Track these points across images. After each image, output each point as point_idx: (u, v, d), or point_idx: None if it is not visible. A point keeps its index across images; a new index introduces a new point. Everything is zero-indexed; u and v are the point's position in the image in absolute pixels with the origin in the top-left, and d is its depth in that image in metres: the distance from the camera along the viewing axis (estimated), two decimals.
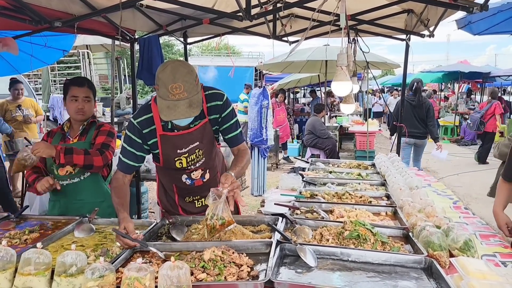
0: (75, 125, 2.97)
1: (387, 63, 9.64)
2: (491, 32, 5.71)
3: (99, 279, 1.63)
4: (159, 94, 2.15)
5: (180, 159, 2.47)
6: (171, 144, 2.42)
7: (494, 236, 2.52)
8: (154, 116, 2.37)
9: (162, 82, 2.12)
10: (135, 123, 2.39)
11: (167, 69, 2.14)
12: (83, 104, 2.87)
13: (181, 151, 2.44)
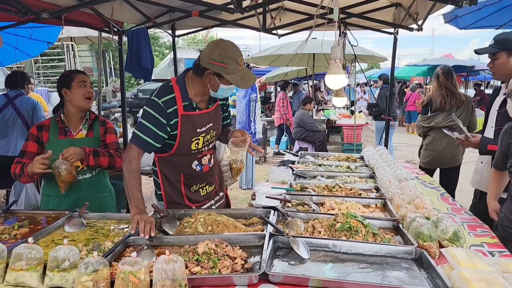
0: (74, 118, 2.90)
1: (374, 56, 9.69)
2: (477, 27, 5.79)
3: (93, 274, 1.62)
4: (227, 71, 2.32)
5: (198, 139, 2.57)
6: (191, 123, 2.52)
7: (481, 226, 2.57)
8: (176, 97, 2.46)
9: (231, 58, 2.31)
10: (159, 102, 2.43)
11: (227, 46, 2.37)
12: (91, 90, 2.87)
13: (200, 130, 2.56)
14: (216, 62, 2.32)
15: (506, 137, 2.60)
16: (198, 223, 2.28)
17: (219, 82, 2.40)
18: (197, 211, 2.48)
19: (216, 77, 2.38)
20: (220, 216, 2.36)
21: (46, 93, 9.87)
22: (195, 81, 2.50)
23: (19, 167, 2.76)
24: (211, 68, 2.36)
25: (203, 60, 2.38)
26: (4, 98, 4.91)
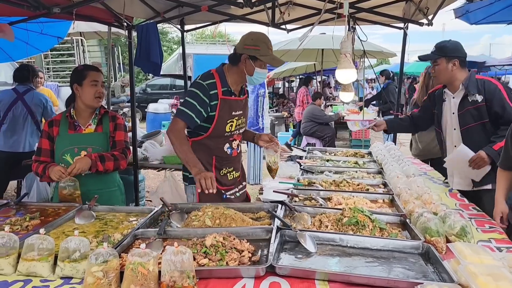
0: (84, 113, 2.94)
1: (383, 52, 9.64)
2: (488, 22, 5.72)
3: (103, 264, 1.64)
4: (260, 53, 2.72)
5: (232, 121, 2.87)
6: (228, 106, 2.83)
7: (489, 222, 2.56)
8: (217, 82, 2.79)
9: (262, 42, 2.74)
10: (204, 84, 2.75)
11: (258, 33, 2.81)
12: (102, 89, 2.92)
13: (235, 113, 2.88)
14: (250, 46, 2.73)
15: None
16: (206, 216, 2.30)
17: (254, 65, 2.75)
18: (205, 205, 2.50)
19: (251, 60, 2.74)
20: (228, 210, 2.38)
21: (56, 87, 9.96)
22: (232, 71, 2.85)
23: (41, 168, 2.82)
24: (246, 52, 2.74)
25: (239, 48, 2.78)
26: (13, 93, 4.89)
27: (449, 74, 3.14)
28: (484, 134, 3.09)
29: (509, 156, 2.65)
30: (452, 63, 3.11)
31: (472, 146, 3.07)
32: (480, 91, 3.06)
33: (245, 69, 2.78)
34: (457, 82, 3.16)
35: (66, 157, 2.86)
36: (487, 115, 3.05)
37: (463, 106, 3.13)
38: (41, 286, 1.69)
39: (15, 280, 1.73)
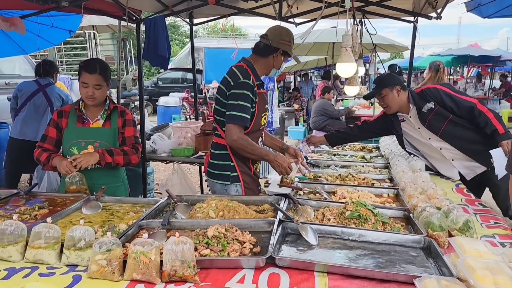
0: (92, 107, 2.95)
1: (395, 45, 9.54)
2: (501, 15, 5.61)
3: (107, 253, 1.69)
4: (291, 49, 2.89)
5: (265, 114, 2.98)
6: (262, 100, 2.92)
7: (494, 218, 2.55)
8: (253, 78, 2.82)
9: (293, 39, 2.91)
10: (250, 82, 2.77)
11: (289, 30, 2.91)
12: (93, 91, 2.84)
13: (266, 106, 2.99)
14: (286, 41, 2.85)
15: None
16: (210, 208, 2.33)
17: (283, 60, 2.92)
18: (210, 197, 2.54)
19: (282, 55, 2.88)
20: (232, 202, 2.40)
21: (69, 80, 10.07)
22: (259, 63, 2.91)
23: (45, 156, 2.84)
24: (282, 47, 2.84)
25: (275, 41, 2.84)
26: (35, 85, 5.01)
27: (397, 99, 3.45)
28: (459, 126, 3.36)
29: None
30: (395, 89, 3.43)
31: (457, 139, 3.38)
32: (427, 99, 3.38)
33: (275, 62, 2.89)
34: (406, 104, 3.47)
35: (73, 150, 2.88)
36: (448, 112, 3.34)
37: (424, 118, 3.41)
38: (48, 273, 1.74)
39: (23, 267, 1.78)
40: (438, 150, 3.48)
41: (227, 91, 2.79)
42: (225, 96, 2.80)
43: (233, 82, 2.77)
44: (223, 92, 2.84)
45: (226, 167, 2.90)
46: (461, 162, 3.45)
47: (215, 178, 2.96)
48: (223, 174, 2.92)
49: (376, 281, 1.66)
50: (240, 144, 2.73)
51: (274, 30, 2.91)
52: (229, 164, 2.89)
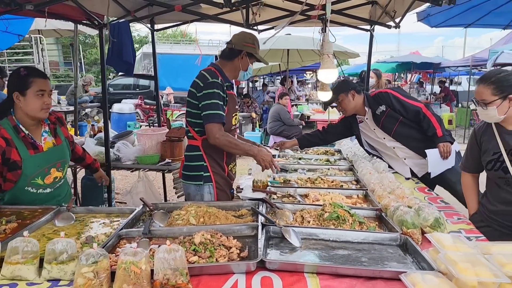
0: (31, 125, 2.57)
1: (347, 52, 9.89)
2: (447, 25, 6.03)
3: (93, 265, 1.63)
4: (255, 51, 2.99)
5: (236, 115, 3.06)
6: (232, 100, 2.99)
7: (457, 214, 2.72)
8: (221, 79, 2.88)
9: (258, 42, 3.02)
10: (219, 81, 2.84)
11: (252, 34, 3.05)
12: (49, 99, 2.54)
13: (236, 107, 3.08)
14: (249, 44, 2.96)
15: (479, 136, 2.74)
16: (190, 215, 2.31)
17: (249, 62, 3.01)
18: (187, 204, 2.52)
19: (248, 57, 2.99)
20: (211, 208, 2.40)
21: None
22: (227, 67, 3.01)
23: None
24: (246, 49, 2.95)
25: (238, 44, 2.96)
26: None
27: (353, 103, 3.73)
28: (409, 127, 3.61)
29: (469, 161, 2.84)
30: (350, 94, 3.70)
31: (408, 139, 3.63)
32: (379, 103, 3.64)
33: (241, 64, 2.99)
34: (362, 106, 3.75)
35: (36, 180, 2.59)
36: (398, 115, 3.60)
37: (378, 120, 3.68)
38: None
39: (0, 285, 1.68)
40: (392, 149, 3.72)
41: (198, 92, 2.85)
42: (196, 98, 2.86)
43: (202, 83, 2.83)
44: (193, 94, 2.89)
45: (199, 168, 2.94)
46: (412, 161, 3.70)
47: (189, 180, 3.00)
48: (197, 175, 2.96)
49: (364, 278, 1.73)
50: (223, 140, 2.79)
51: (238, 35, 3.04)
52: (202, 165, 2.94)
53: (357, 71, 21.76)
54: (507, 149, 2.51)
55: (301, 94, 17.49)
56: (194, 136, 2.94)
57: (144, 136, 4.33)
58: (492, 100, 2.44)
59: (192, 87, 2.91)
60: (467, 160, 2.87)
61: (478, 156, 2.74)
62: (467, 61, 14.82)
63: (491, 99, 2.44)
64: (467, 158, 2.86)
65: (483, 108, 2.50)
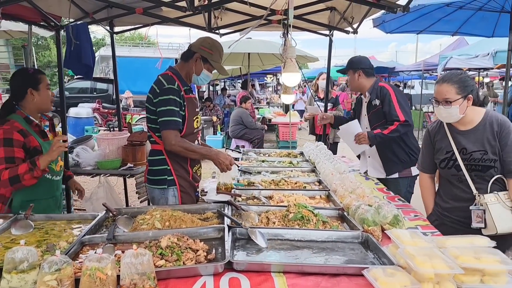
0: (37, 119, 2.84)
1: (306, 56, 10.08)
2: (401, 31, 6.29)
3: (57, 273, 1.59)
4: (212, 58, 2.93)
5: (197, 117, 3.02)
6: (191, 104, 2.97)
7: (414, 211, 2.86)
8: (179, 84, 2.87)
9: (218, 50, 2.96)
10: (175, 87, 2.83)
11: (215, 40, 2.99)
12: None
13: (197, 110, 3.05)
14: (205, 48, 2.91)
15: (433, 136, 2.88)
16: (155, 219, 2.29)
17: (203, 67, 2.95)
18: (151, 208, 2.50)
19: (202, 61, 2.93)
20: (176, 212, 2.40)
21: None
22: (184, 69, 2.98)
23: (25, 166, 2.55)
24: (201, 52, 2.91)
25: (194, 46, 2.94)
26: None
27: (356, 83, 3.79)
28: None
29: (426, 160, 2.97)
30: (357, 73, 3.74)
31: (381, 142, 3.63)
32: (378, 96, 3.68)
33: (194, 67, 2.94)
34: (364, 89, 3.78)
35: (52, 165, 2.79)
36: (383, 116, 3.65)
37: (369, 109, 3.77)
38: None
39: None
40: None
41: (154, 98, 2.84)
42: (153, 104, 2.85)
43: (158, 89, 2.83)
44: (150, 100, 2.88)
45: (163, 172, 2.93)
46: (373, 162, 3.86)
47: (153, 184, 2.98)
48: (160, 179, 2.94)
49: (329, 275, 1.79)
50: (179, 147, 2.79)
51: (199, 38, 3.03)
52: (165, 168, 2.93)
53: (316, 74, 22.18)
54: (459, 148, 2.66)
55: (262, 97, 17.62)
56: (156, 140, 2.93)
57: (104, 141, 4.23)
58: (456, 98, 2.54)
59: (150, 93, 2.91)
60: (423, 159, 2.99)
61: (433, 155, 2.88)
62: (419, 66, 15.50)
63: (455, 98, 2.54)
64: (424, 157, 2.99)
65: (446, 107, 2.57)
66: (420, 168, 3.06)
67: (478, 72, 14.93)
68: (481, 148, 2.59)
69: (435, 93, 2.65)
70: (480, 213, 2.56)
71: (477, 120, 2.64)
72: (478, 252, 1.74)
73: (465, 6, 5.68)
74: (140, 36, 31.86)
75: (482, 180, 2.62)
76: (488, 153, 2.58)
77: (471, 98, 2.58)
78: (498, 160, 2.57)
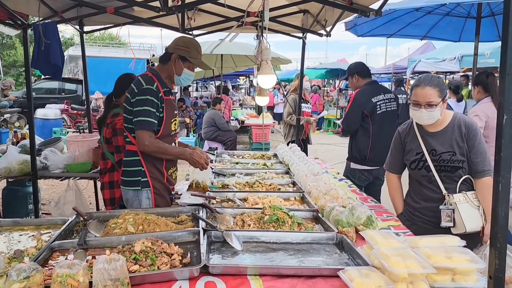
0: None
1: (279, 58, 10.12)
2: (372, 35, 6.41)
3: (25, 280, 1.54)
4: (190, 55, 2.86)
5: (175, 120, 2.99)
6: (170, 105, 2.93)
7: (386, 212, 2.91)
8: (158, 85, 2.82)
9: (193, 46, 2.89)
10: (153, 88, 2.78)
11: (190, 38, 2.98)
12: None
13: (175, 112, 3.02)
14: (181, 47, 2.86)
15: (403, 137, 2.94)
16: (128, 223, 2.25)
17: (183, 66, 2.89)
18: (124, 212, 2.44)
19: (181, 61, 2.87)
20: (150, 215, 2.35)
21: None
22: (163, 71, 2.93)
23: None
24: (177, 52, 2.86)
25: (170, 47, 2.90)
26: None
27: (355, 84, 4.34)
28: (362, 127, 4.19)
29: (395, 161, 3.03)
30: (354, 78, 4.31)
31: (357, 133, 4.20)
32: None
33: (174, 68, 2.90)
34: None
35: None
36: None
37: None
38: None
39: None
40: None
41: (132, 98, 2.79)
42: (130, 104, 2.80)
43: (137, 89, 2.79)
44: (128, 100, 2.83)
45: (137, 173, 2.87)
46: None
47: (127, 186, 2.91)
48: (134, 180, 2.88)
49: (305, 277, 1.80)
50: (153, 147, 2.76)
51: (174, 39, 2.98)
52: (139, 170, 2.86)
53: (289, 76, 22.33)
54: (429, 149, 2.73)
55: (235, 99, 17.59)
56: (132, 141, 2.87)
57: (74, 143, 4.11)
58: (438, 102, 2.59)
59: (128, 92, 2.85)
60: (392, 160, 3.05)
61: (402, 156, 2.94)
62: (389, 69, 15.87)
63: (438, 101, 2.59)
64: (392, 158, 3.04)
65: (429, 110, 2.60)
66: (387, 168, 3.12)
67: (445, 75, 15.40)
68: (449, 149, 2.67)
69: (415, 96, 2.64)
70: (449, 213, 2.63)
71: (446, 122, 2.71)
72: (449, 252, 1.78)
73: (434, 11, 5.85)
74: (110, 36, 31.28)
75: (451, 180, 2.70)
76: (456, 154, 2.65)
77: (446, 100, 2.67)
78: (466, 161, 2.65)
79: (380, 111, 4.08)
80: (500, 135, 1.39)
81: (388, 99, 4.17)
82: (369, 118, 4.06)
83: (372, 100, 4.06)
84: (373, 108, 4.05)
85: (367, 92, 4.11)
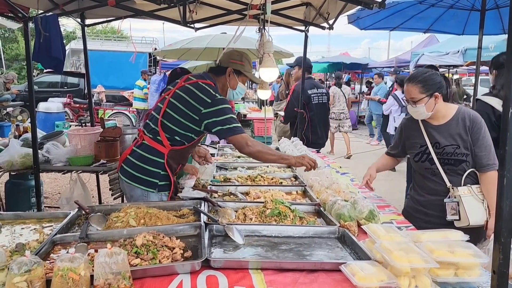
0: None
1: (282, 52, 10.05)
2: (374, 28, 6.36)
3: (26, 274, 1.53)
4: (244, 69, 2.89)
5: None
6: None
7: (388, 206, 2.90)
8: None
9: (247, 60, 2.92)
10: (226, 98, 2.82)
11: (243, 52, 2.97)
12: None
13: None
14: (236, 60, 2.87)
15: (407, 130, 2.94)
16: (130, 217, 2.24)
17: (238, 80, 2.90)
18: (125, 205, 2.44)
19: (236, 75, 2.88)
20: (151, 209, 2.35)
21: None
22: (217, 80, 2.88)
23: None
24: (232, 66, 2.86)
25: (224, 61, 2.90)
26: None
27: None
28: None
29: (395, 148, 3.05)
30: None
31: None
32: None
33: (228, 82, 2.89)
34: None
35: None
36: None
37: None
38: None
39: None
40: None
41: (203, 108, 2.65)
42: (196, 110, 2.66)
43: (210, 99, 2.66)
44: (187, 103, 2.68)
45: (157, 175, 2.75)
46: None
47: (138, 183, 2.76)
48: (151, 181, 2.76)
49: (306, 271, 1.79)
50: (256, 151, 2.72)
51: (225, 53, 3.00)
52: (159, 173, 2.75)
53: None
54: (432, 142, 2.72)
55: None
56: (164, 142, 2.72)
57: (76, 136, 4.11)
58: (420, 98, 2.61)
59: (190, 97, 2.69)
60: (395, 147, 3.08)
61: (404, 146, 2.95)
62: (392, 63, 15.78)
63: (419, 97, 2.62)
64: (396, 145, 3.06)
65: (413, 106, 2.66)
66: (387, 152, 3.21)
67: (448, 69, 15.31)
68: (453, 142, 2.66)
69: (405, 92, 2.75)
70: (454, 205, 2.62)
71: (450, 115, 2.70)
72: (452, 246, 1.77)
73: (437, 4, 5.78)
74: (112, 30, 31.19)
75: (455, 173, 2.69)
76: (460, 147, 2.64)
77: (439, 96, 2.64)
78: (470, 154, 2.64)
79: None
80: (505, 129, 1.37)
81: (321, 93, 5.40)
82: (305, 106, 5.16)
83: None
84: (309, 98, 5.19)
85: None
